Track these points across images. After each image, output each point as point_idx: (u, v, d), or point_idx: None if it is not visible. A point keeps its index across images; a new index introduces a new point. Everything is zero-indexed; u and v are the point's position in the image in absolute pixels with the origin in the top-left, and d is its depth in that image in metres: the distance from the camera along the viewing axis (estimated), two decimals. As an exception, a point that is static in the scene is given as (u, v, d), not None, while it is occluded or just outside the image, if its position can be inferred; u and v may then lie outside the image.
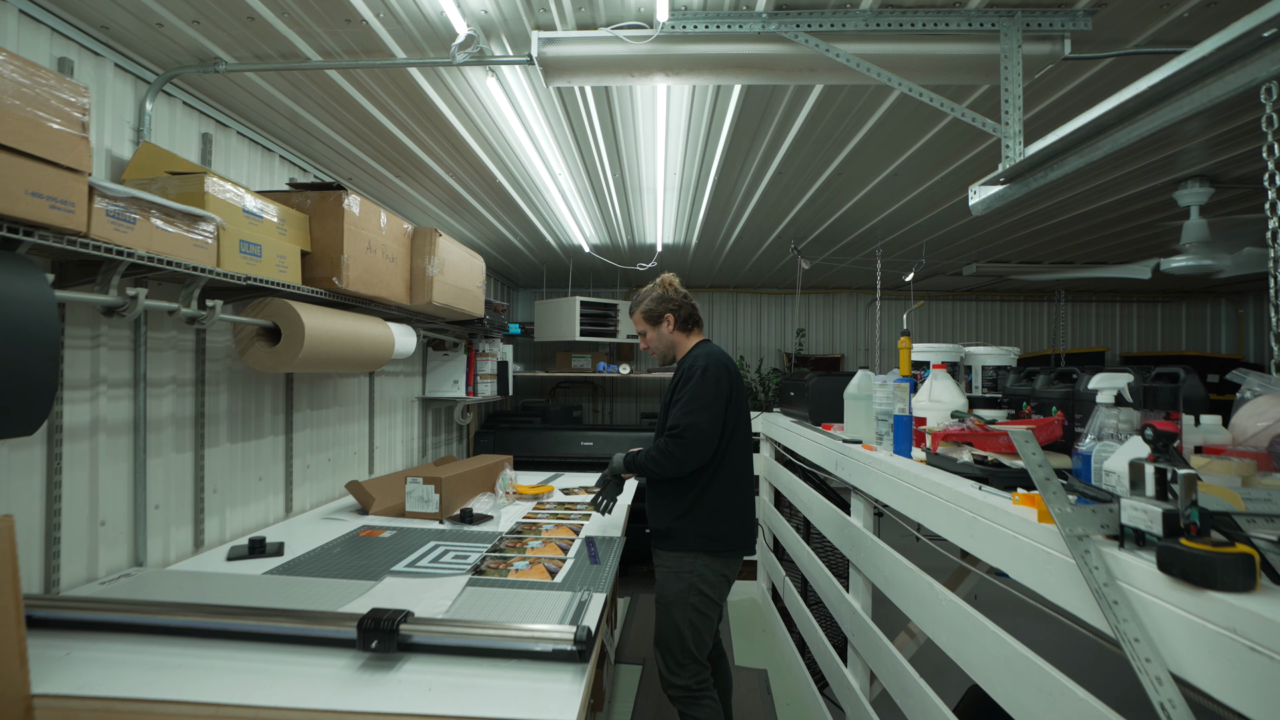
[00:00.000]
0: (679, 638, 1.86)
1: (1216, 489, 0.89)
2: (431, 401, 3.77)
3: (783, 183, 2.88)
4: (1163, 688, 0.76)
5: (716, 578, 1.89)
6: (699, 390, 1.86)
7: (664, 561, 1.93)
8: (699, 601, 1.87)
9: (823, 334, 6.27)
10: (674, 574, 1.89)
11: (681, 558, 1.89)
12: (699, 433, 1.83)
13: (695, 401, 1.85)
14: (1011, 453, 1.51)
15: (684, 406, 1.85)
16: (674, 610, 1.87)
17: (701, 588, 1.87)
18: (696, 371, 1.88)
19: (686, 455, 1.84)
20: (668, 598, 1.89)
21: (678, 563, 1.89)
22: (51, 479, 1.43)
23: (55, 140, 1.10)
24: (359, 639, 1.15)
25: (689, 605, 1.86)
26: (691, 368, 1.91)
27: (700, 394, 1.85)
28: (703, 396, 1.85)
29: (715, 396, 1.86)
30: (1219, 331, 5.99)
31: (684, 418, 1.84)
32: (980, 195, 1.68)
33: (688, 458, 1.84)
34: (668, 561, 1.91)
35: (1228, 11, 1.48)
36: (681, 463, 1.84)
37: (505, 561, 1.78)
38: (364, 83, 1.90)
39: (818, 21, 1.54)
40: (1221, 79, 1.05)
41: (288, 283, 1.79)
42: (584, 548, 1.95)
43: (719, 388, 1.88)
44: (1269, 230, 1.01)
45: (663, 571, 1.92)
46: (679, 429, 1.84)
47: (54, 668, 1.09)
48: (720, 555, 1.90)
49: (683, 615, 1.86)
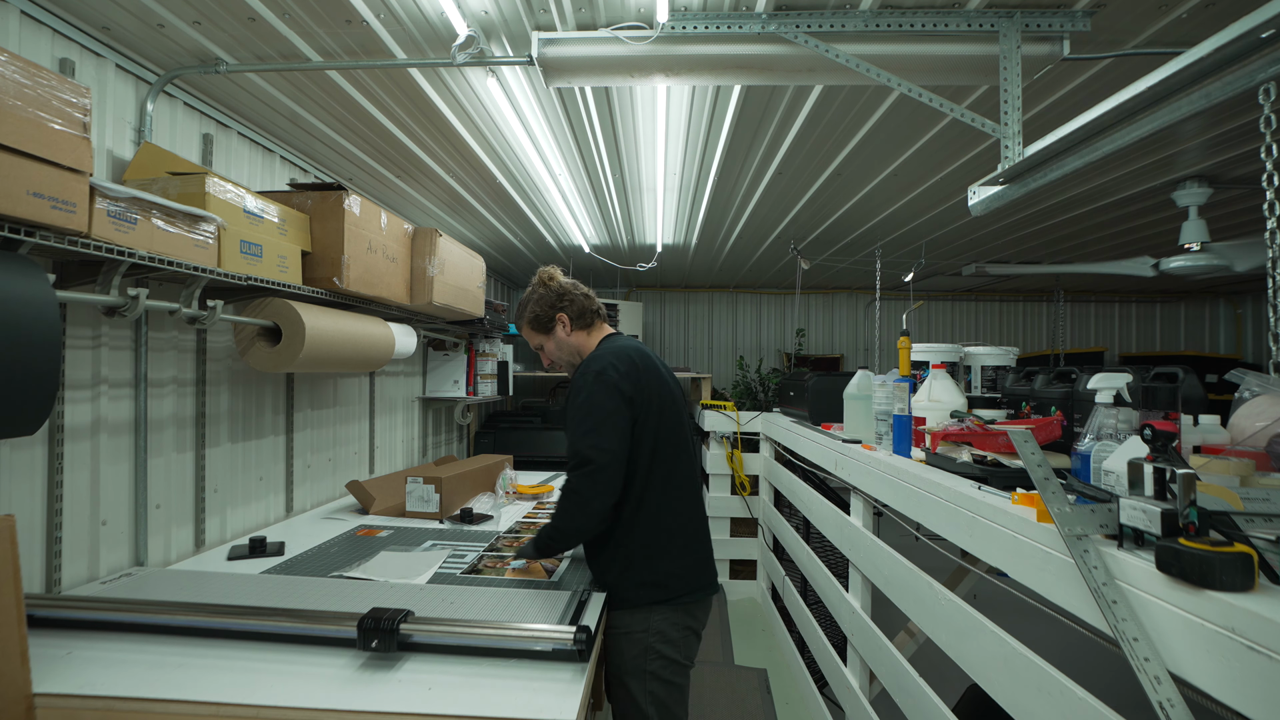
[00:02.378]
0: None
1: (1215, 489, 0.89)
2: (432, 401, 3.77)
3: (783, 183, 2.88)
4: (1161, 687, 0.77)
5: (679, 632, 1.51)
6: (590, 402, 1.47)
7: (614, 621, 1.52)
8: (660, 667, 1.48)
9: (822, 334, 6.28)
10: (624, 636, 1.50)
11: (631, 615, 1.50)
12: (604, 454, 1.43)
13: (588, 419, 1.46)
14: (1011, 452, 1.51)
15: (575, 427, 1.47)
16: (630, 683, 1.48)
17: (661, 648, 1.49)
18: (586, 379, 1.51)
19: (594, 488, 1.43)
20: (622, 667, 1.50)
21: (627, 622, 1.50)
22: (53, 479, 1.43)
23: (56, 141, 1.10)
24: (359, 638, 1.15)
25: (648, 674, 1.48)
26: (581, 375, 1.54)
27: (592, 406, 1.47)
28: (597, 408, 1.46)
29: (615, 405, 1.47)
30: (1217, 331, 5.99)
31: (580, 441, 1.45)
32: (979, 196, 1.69)
33: (596, 491, 1.44)
34: (616, 622, 1.51)
35: (1226, 12, 1.48)
36: (590, 499, 1.44)
37: (503, 560, 1.78)
38: (364, 83, 1.90)
39: (817, 22, 1.55)
40: (1220, 80, 1.06)
41: (288, 283, 1.79)
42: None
43: (618, 391, 1.48)
44: (1267, 230, 1.01)
45: (612, 635, 1.51)
46: (579, 456, 1.44)
47: (55, 667, 1.09)
48: (677, 603, 1.51)
49: (642, 688, 1.48)
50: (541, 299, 1.72)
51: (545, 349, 1.75)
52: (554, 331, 1.71)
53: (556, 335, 1.71)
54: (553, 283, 1.73)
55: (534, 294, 1.73)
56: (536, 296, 1.73)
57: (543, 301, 1.71)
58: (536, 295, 1.73)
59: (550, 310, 1.70)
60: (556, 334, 1.71)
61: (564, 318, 1.70)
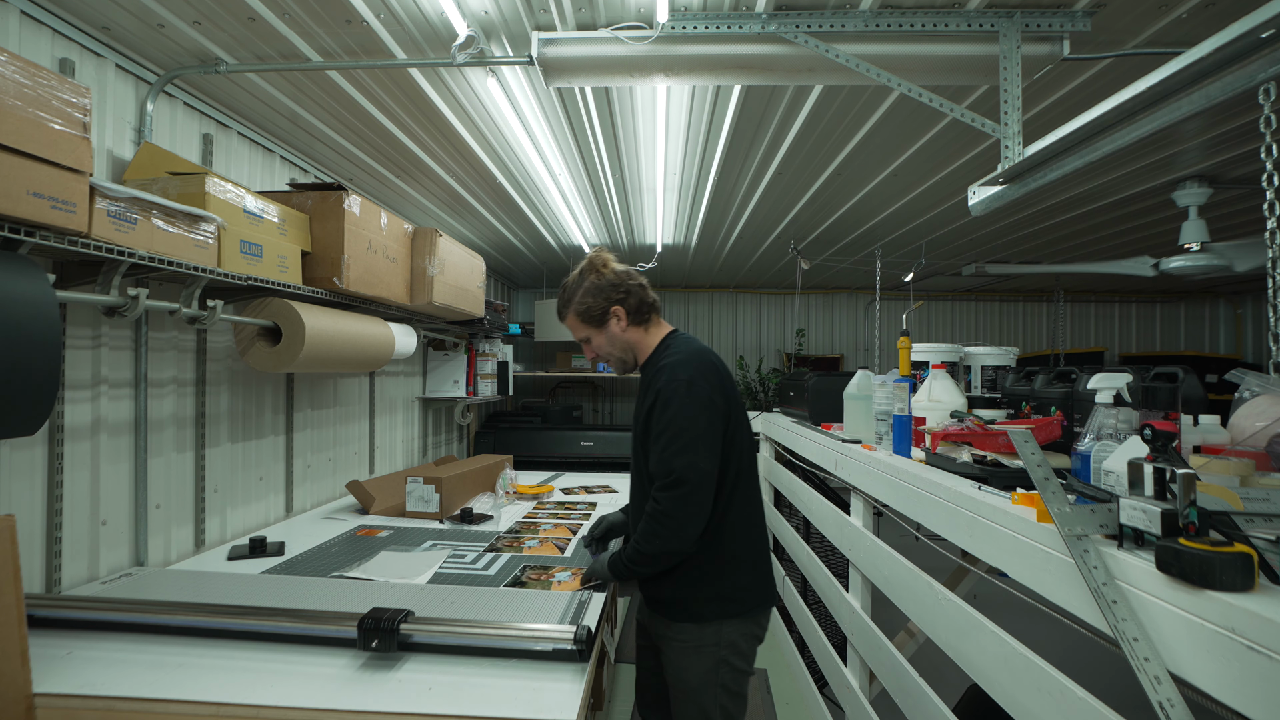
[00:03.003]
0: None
1: (1215, 489, 0.89)
2: (432, 401, 3.77)
3: (783, 183, 2.88)
4: (1161, 687, 0.77)
5: (748, 643, 1.43)
6: (685, 417, 1.34)
7: (677, 635, 1.41)
8: (731, 679, 1.40)
9: (822, 334, 6.28)
10: (694, 650, 1.40)
11: (701, 629, 1.40)
12: (700, 474, 1.31)
13: (684, 434, 1.33)
14: (1011, 452, 1.51)
15: (668, 443, 1.33)
16: (702, 697, 1.39)
17: (733, 660, 1.40)
18: (676, 388, 1.36)
19: (687, 511, 1.31)
20: (689, 682, 1.40)
21: (696, 636, 1.40)
22: (53, 479, 1.43)
23: (57, 141, 1.10)
24: (360, 638, 1.16)
25: (719, 687, 1.39)
26: (669, 384, 1.37)
27: (688, 421, 1.33)
28: (693, 424, 1.33)
29: (710, 419, 1.35)
30: (1217, 331, 5.99)
31: (674, 459, 1.31)
32: (979, 196, 1.69)
33: (690, 514, 1.32)
34: (682, 635, 1.40)
35: (1226, 12, 1.48)
36: (684, 524, 1.32)
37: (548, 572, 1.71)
38: (364, 83, 1.90)
39: (817, 22, 1.55)
40: (1220, 80, 1.06)
41: (288, 283, 1.79)
42: (580, 546, 1.95)
43: (712, 405, 1.37)
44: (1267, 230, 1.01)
45: (676, 648, 1.41)
46: (672, 476, 1.31)
47: (55, 667, 1.09)
48: (748, 615, 1.43)
49: (714, 701, 1.39)
50: (593, 289, 1.50)
51: (593, 343, 1.55)
52: (606, 326, 1.51)
53: (610, 330, 1.51)
54: (606, 270, 1.52)
55: (583, 282, 1.52)
56: (588, 285, 1.51)
57: (595, 292, 1.50)
58: (587, 284, 1.51)
59: (604, 302, 1.50)
60: (610, 329, 1.51)
61: (620, 311, 1.50)
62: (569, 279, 1.55)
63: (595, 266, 1.53)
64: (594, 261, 1.54)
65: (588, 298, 1.51)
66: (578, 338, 1.56)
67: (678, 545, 1.33)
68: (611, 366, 1.57)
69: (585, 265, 1.54)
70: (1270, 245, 1.01)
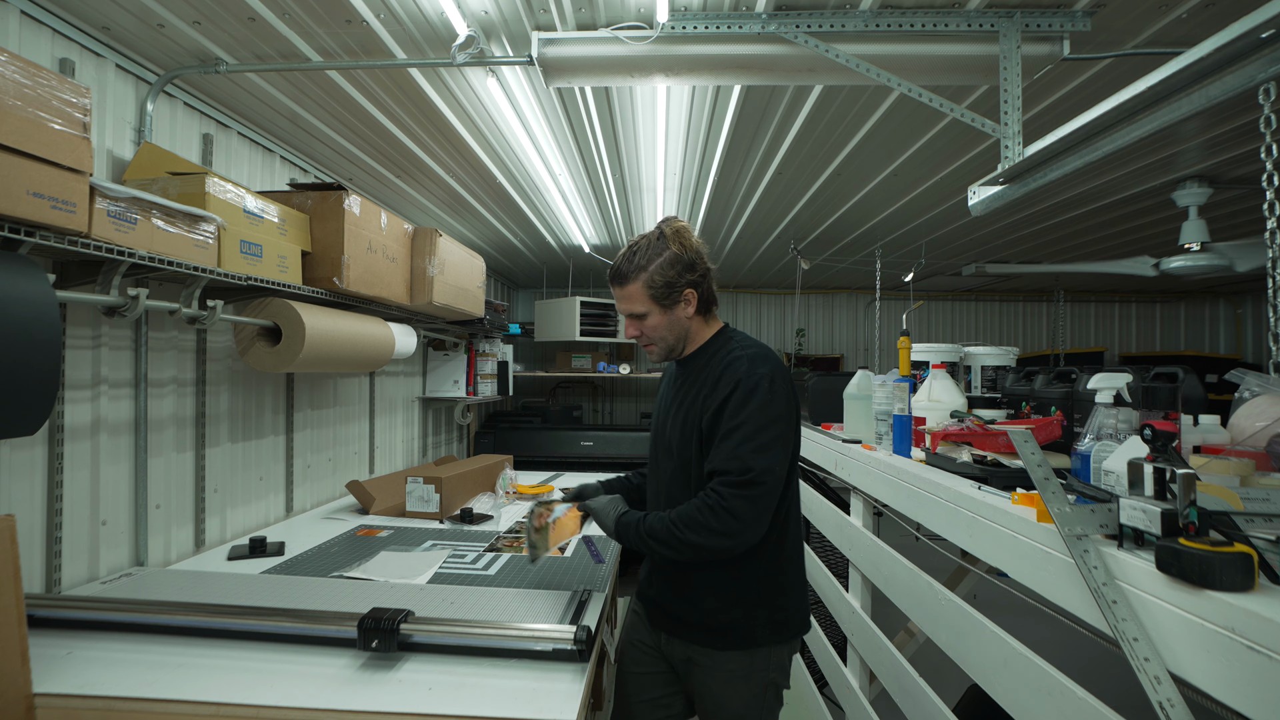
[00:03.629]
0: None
1: (1215, 489, 0.89)
2: (432, 401, 3.77)
3: (783, 183, 2.88)
4: (1161, 686, 0.77)
5: (789, 659, 1.36)
6: (769, 414, 1.22)
7: (722, 664, 1.30)
8: (775, 700, 1.33)
9: (822, 334, 6.28)
10: (743, 679, 1.29)
11: (751, 656, 1.29)
12: (775, 479, 1.21)
13: (765, 432, 1.20)
14: (1011, 452, 1.51)
15: (746, 439, 1.20)
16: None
17: (780, 681, 1.33)
18: (760, 383, 1.23)
19: (755, 512, 1.19)
20: (733, 710, 1.29)
21: (745, 664, 1.29)
22: (53, 479, 1.43)
23: (57, 141, 1.10)
24: (360, 638, 1.16)
25: (764, 710, 1.31)
26: (751, 376, 1.24)
27: (770, 420, 1.22)
28: (775, 424, 1.22)
29: (788, 420, 1.25)
30: (1217, 331, 5.99)
31: (755, 458, 1.18)
32: (979, 196, 1.69)
33: (756, 515, 1.19)
34: (729, 664, 1.29)
35: (1226, 12, 1.48)
36: (748, 525, 1.19)
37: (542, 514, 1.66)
38: (364, 83, 1.90)
39: (817, 22, 1.55)
40: (1220, 80, 1.06)
41: (288, 283, 1.79)
42: (583, 546, 1.95)
43: (789, 404, 1.26)
44: (1267, 230, 1.01)
45: (720, 679, 1.30)
46: (751, 474, 1.18)
47: (55, 667, 1.10)
48: (793, 639, 1.35)
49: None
50: (674, 261, 1.30)
51: (648, 321, 1.34)
52: (674, 308, 1.33)
53: (675, 314, 1.33)
54: (690, 243, 1.33)
55: (663, 250, 1.31)
56: (668, 257, 1.30)
57: (675, 265, 1.30)
58: (668, 255, 1.30)
59: (682, 280, 1.31)
60: (676, 312, 1.33)
61: (693, 296, 1.33)
62: (638, 240, 1.33)
63: (678, 235, 1.32)
64: (679, 230, 1.32)
65: (668, 270, 1.30)
66: (630, 310, 1.34)
67: (725, 544, 1.19)
68: (653, 351, 1.39)
69: (667, 231, 1.32)
70: (1270, 245, 1.01)
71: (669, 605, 1.35)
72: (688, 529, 1.20)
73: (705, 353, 1.36)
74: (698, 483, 1.28)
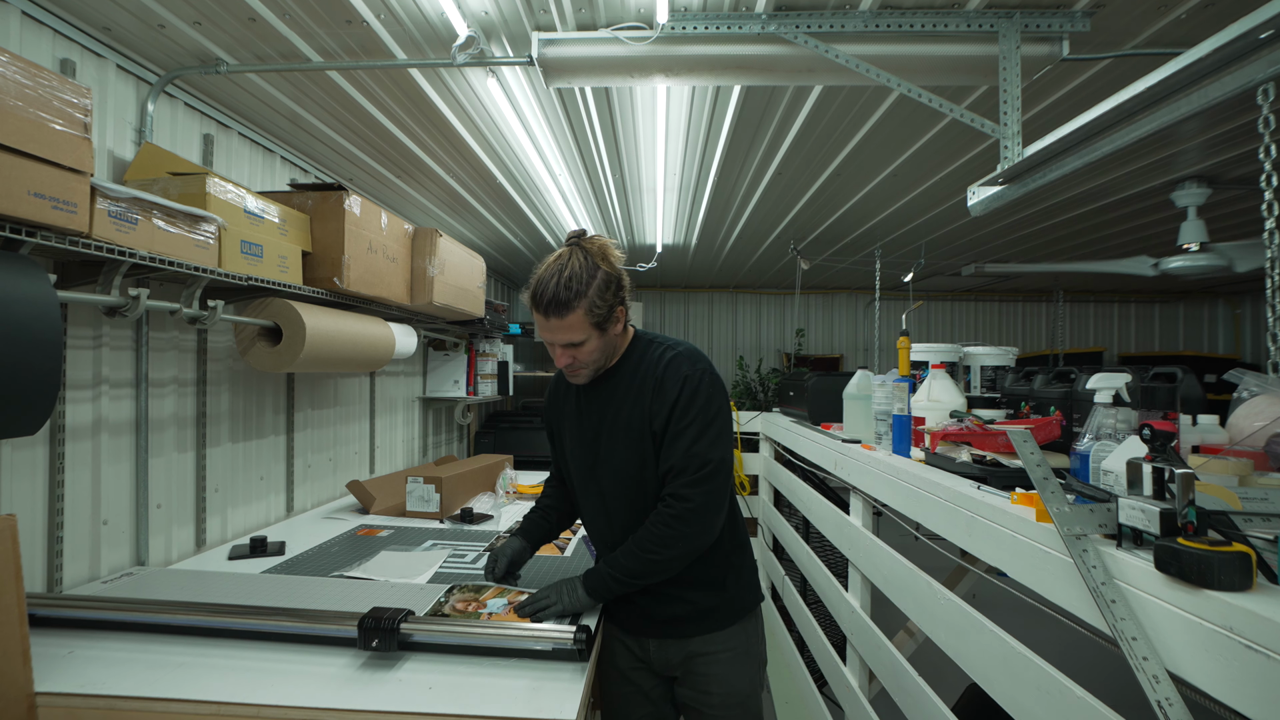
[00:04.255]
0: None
1: (1214, 488, 0.89)
2: (432, 401, 3.77)
3: (782, 183, 2.88)
4: (1160, 686, 0.77)
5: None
6: (716, 405, 1.27)
7: (727, 644, 1.34)
8: (764, 678, 1.40)
9: (822, 334, 6.28)
10: (744, 655, 1.35)
11: (746, 627, 1.36)
12: (729, 466, 1.27)
13: (716, 423, 1.26)
14: (1010, 452, 1.52)
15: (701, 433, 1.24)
16: (750, 703, 1.36)
17: (765, 656, 1.41)
18: (703, 378, 1.27)
19: (719, 503, 1.25)
20: (741, 691, 1.34)
21: (743, 639, 1.35)
22: (54, 478, 1.43)
23: (57, 141, 1.10)
24: (360, 638, 1.16)
25: (761, 686, 1.38)
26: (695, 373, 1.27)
27: (718, 411, 1.27)
28: (721, 413, 1.27)
29: (728, 414, 1.30)
30: (1216, 331, 6.00)
31: (711, 450, 1.23)
32: (979, 196, 1.69)
33: (720, 505, 1.26)
34: (732, 642, 1.34)
35: (1226, 13, 1.48)
36: (715, 516, 1.25)
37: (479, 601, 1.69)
38: (365, 83, 1.90)
39: (817, 23, 1.55)
40: (1219, 80, 1.06)
41: (289, 283, 1.80)
42: (582, 546, 1.95)
43: (726, 398, 1.32)
44: (1266, 230, 1.02)
45: (726, 660, 1.33)
46: (709, 466, 1.22)
47: (57, 666, 1.10)
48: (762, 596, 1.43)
49: (758, 703, 1.38)
50: (607, 282, 1.23)
51: (585, 347, 1.25)
52: (609, 329, 1.26)
53: (609, 334, 1.27)
54: (616, 261, 1.27)
55: (593, 272, 1.21)
56: (602, 279, 1.22)
57: (609, 286, 1.23)
58: (602, 277, 1.22)
59: (616, 300, 1.25)
60: (610, 332, 1.27)
61: (622, 311, 1.29)
62: (569, 266, 1.20)
63: (606, 253, 1.25)
64: (604, 247, 1.25)
65: (605, 293, 1.22)
66: (569, 340, 1.24)
67: (702, 541, 1.24)
68: (581, 375, 1.31)
69: (593, 250, 1.23)
70: (1269, 245, 1.01)
71: (656, 610, 1.35)
72: (665, 547, 1.23)
73: (629, 360, 1.34)
74: (655, 485, 1.29)
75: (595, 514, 1.39)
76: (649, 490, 1.30)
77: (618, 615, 1.41)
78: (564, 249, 1.26)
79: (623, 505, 1.33)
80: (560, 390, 1.46)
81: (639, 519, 1.29)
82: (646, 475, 1.29)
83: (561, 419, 1.43)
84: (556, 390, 1.47)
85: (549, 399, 1.49)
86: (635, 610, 1.37)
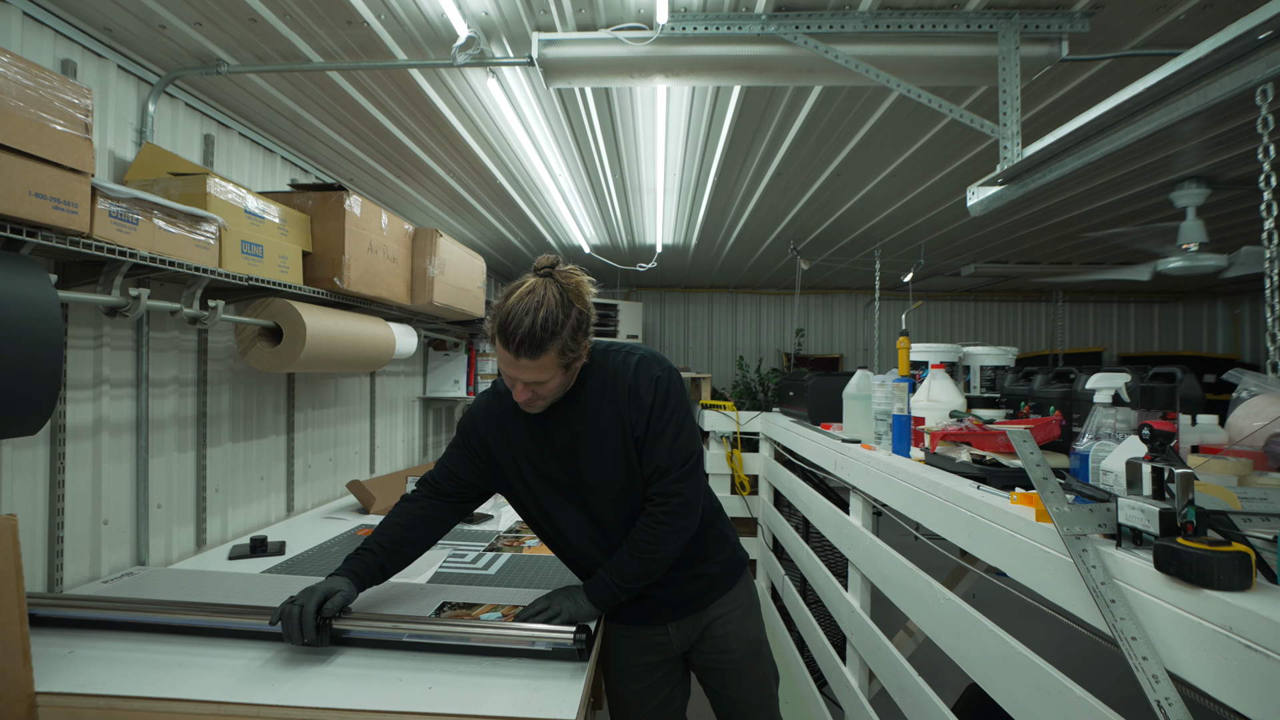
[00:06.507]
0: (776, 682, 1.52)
1: (1213, 488, 0.89)
2: (432, 401, 3.77)
3: (782, 183, 2.88)
4: (1159, 685, 0.77)
5: None
6: (685, 403, 1.31)
7: (738, 599, 1.45)
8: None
9: (822, 334, 6.28)
10: (753, 607, 1.48)
11: (745, 580, 1.49)
12: (702, 453, 1.36)
13: (688, 419, 1.31)
14: (1009, 452, 1.52)
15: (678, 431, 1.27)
16: (763, 646, 1.48)
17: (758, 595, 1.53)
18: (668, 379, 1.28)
19: (701, 490, 1.33)
20: (755, 638, 1.46)
21: (747, 592, 1.48)
22: (55, 478, 1.44)
23: (58, 141, 1.10)
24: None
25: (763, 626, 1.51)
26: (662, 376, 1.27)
27: (687, 408, 1.32)
28: (688, 409, 1.33)
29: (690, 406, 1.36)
30: (1215, 332, 6.00)
31: (690, 444, 1.28)
32: (978, 196, 1.69)
33: (701, 492, 1.34)
34: (740, 597, 1.46)
35: (1225, 13, 1.48)
36: (699, 501, 1.32)
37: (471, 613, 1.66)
38: (365, 84, 1.90)
39: (817, 23, 1.55)
40: (1218, 81, 1.06)
41: (289, 283, 1.80)
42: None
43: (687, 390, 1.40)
44: (1264, 230, 1.02)
45: (739, 614, 1.44)
46: (691, 460, 1.27)
47: (57, 665, 1.10)
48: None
49: (768, 646, 1.51)
50: (580, 322, 1.17)
51: (549, 384, 1.18)
52: (574, 365, 1.21)
53: (572, 369, 1.22)
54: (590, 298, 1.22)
55: (567, 311, 1.14)
56: (576, 318, 1.16)
57: (582, 326, 1.18)
58: (575, 316, 1.16)
59: (585, 338, 1.21)
60: (573, 368, 1.22)
61: (587, 344, 1.24)
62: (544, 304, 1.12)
63: (581, 291, 1.18)
64: (578, 285, 1.18)
65: (578, 334, 1.17)
66: (536, 379, 1.16)
67: (693, 529, 1.31)
68: (537, 407, 1.23)
69: (568, 286, 1.16)
70: (1268, 246, 1.02)
71: (671, 594, 1.39)
72: (663, 544, 1.27)
73: (590, 375, 1.28)
74: (641, 489, 1.30)
75: (578, 535, 1.33)
76: (638, 496, 1.30)
77: (629, 612, 1.40)
78: (535, 280, 1.16)
79: (616, 517, 1.31)
80: (496, 413, 1.32)
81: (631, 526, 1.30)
82: (634, 482, 1.29)
83: (509, 448, 1.32)
84: (490, 412, 1.33)
85: (480, 418, 1.34)
86: (649, 602, 1.38)
